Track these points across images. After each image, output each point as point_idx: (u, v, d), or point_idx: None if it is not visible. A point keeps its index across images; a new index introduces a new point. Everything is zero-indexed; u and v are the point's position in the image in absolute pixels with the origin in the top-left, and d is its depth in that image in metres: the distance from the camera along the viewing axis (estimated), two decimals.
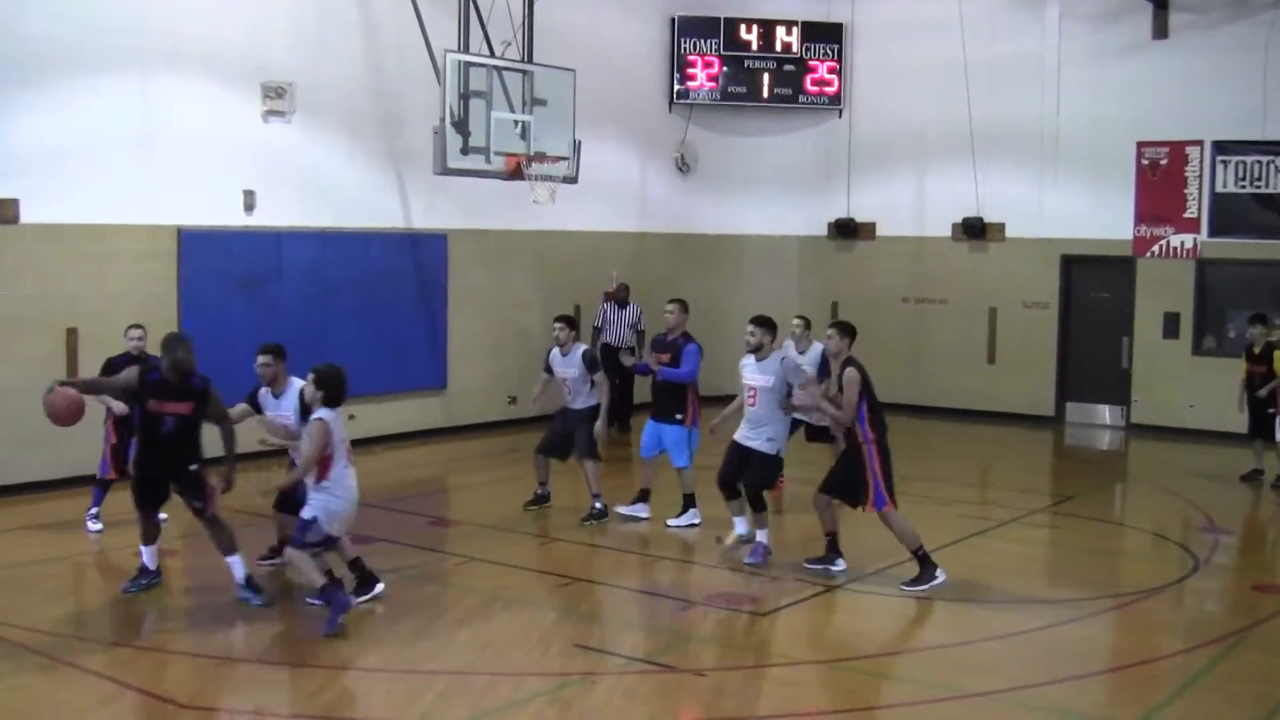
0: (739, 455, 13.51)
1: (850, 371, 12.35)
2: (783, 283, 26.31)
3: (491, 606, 11.84)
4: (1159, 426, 22.61)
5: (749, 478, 13.36)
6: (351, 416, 19.48)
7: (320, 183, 19.23)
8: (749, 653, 10.83)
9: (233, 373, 16.74)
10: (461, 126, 18.14)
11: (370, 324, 19.84)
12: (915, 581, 12.32)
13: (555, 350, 15.56)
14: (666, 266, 25.22)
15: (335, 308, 19.37)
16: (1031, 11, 23.86)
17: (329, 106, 19.25)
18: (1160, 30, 22.78)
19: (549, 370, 15.62)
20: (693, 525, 14.94)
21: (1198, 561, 14.04)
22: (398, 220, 20.45)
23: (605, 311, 21.69)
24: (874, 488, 12.32)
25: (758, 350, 13.48)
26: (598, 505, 15.40)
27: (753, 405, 13.42)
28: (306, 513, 11.21)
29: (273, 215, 18.63)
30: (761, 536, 13.43)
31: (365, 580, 11.78)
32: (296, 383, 12.16)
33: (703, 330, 25.24)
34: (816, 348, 16.50)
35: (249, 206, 18.37)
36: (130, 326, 14.64)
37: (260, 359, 12.30)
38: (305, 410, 11.80)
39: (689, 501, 15.13)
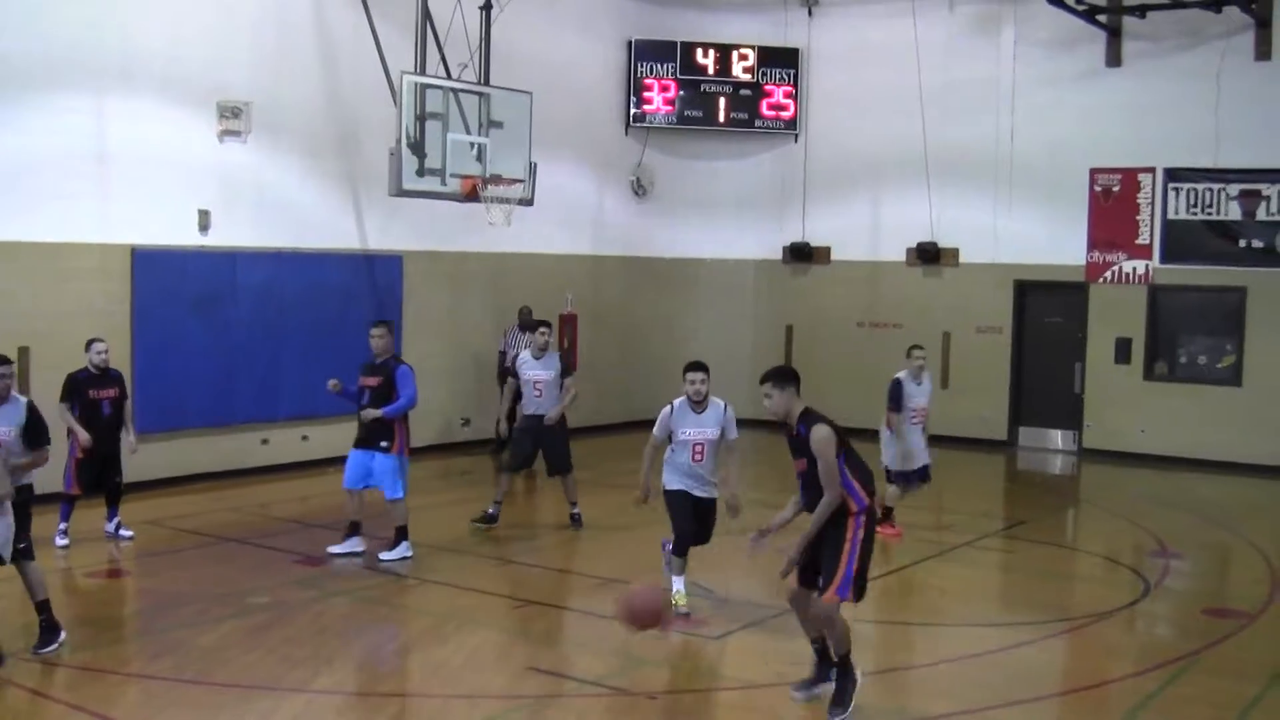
0: (697, 510, 12.46)
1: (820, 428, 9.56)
2: (738, 306, 26.41)
3: (444, 629, 11.81)
4: (1111, 451, 22.74)
5: (706, 538, 12.60)
6: (305, 438, 19.60)
7: (276, 203, 19.16)
8: (701, 676, 10.83)
9: (185, 392, 16.74)
10: (417, 148, 18.11)
11: (324, 345, 19.72)
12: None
13: (526, 353, 16.24)
14: (622, 289, 25.26)
15: (289, 328, 19.28)
16: (986, 38, 24.04)
17: (285, 127, 19.19)
18: (1114, 58, 23.01)
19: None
20: (405, 559, 14.32)
21: (1148, 585, 14.11)
22: (353, 241, 20.40)
23: (508, 338, 21.52)
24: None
25: (702, 401, 12.39)
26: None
27: (699, 461, 12.33)
28: None
29: (228, 235, 18.54)
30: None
31: None
32: (22, 400, 11.35)
33: (658, 353, 25.44)
34: (927, 379, 16.71)
35: (204, 226, 18.28)
36: (93, 340, 14.60)
37: None
38: (28, 430, 11.08)
39: (401, 534, 14.40)
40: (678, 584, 12.28)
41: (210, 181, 18.30)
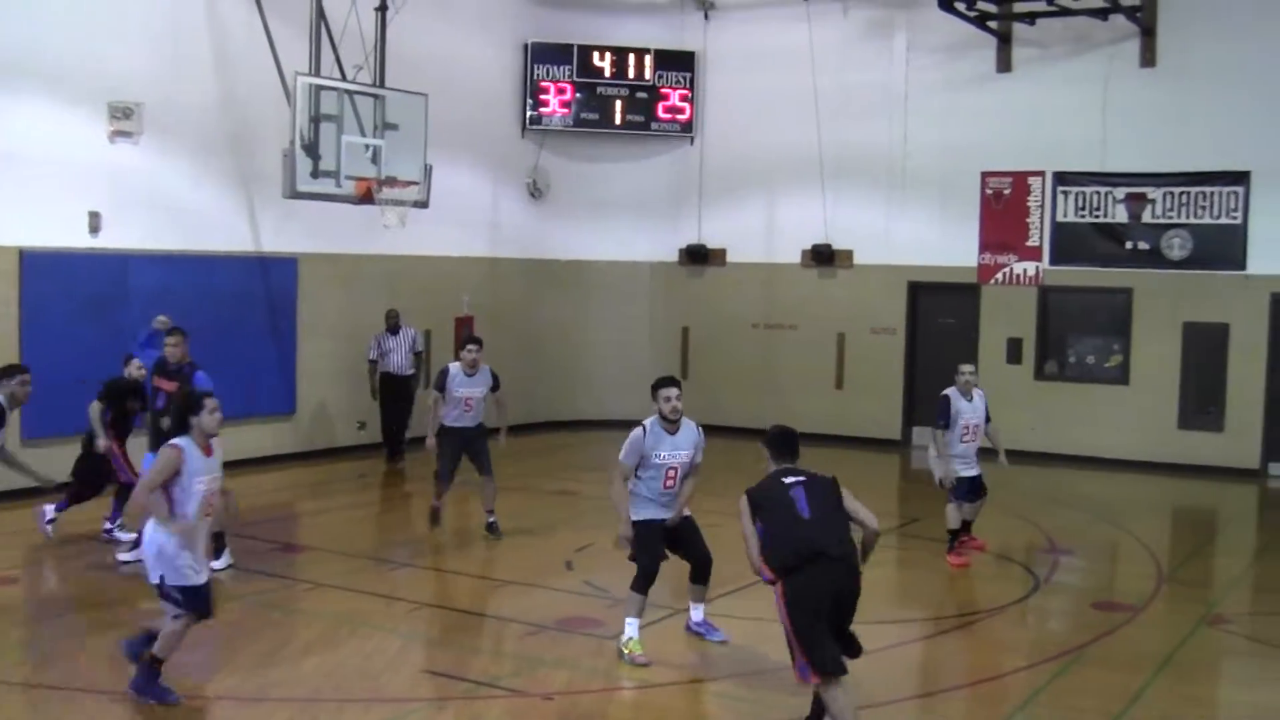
0: (677, 535, 11.47)
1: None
2: (634, 308, 26.48)
3: (339, 633, 11.75)
4: None
5: (706, 552, 11.51)
6: None
7: (169, 205, 18.92)
8: (597, 676, 10.81)
9: (76, 397, 16.49)
10: (312, 150, 18.02)
11: (218, 348, 19.40)
12: None
13: (455, 367, 15.86)
14: (518, 292, 25.24)
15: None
16: (880, 42, 24.30)
17: (178, 128, 18.96)
18: (1004, 64, 23.34)
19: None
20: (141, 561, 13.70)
21: (1039, 581, 14.37)
22: (247, 244, 20.21)
23: (379, 342, 21.45)
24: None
25: (677, 421, 11.36)
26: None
27: (671, 487, 11.30)
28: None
29: (119, 237, 18.30)
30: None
31: None
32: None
33: (555, 355, 25.45)
34: (979, 395, 15.51)
35: (94, 228, 18.02)
36: (131, 356, 14.69)
37: None
38: None
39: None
40: (631, 628, 11.08)
41: (101, 183, 18.04)
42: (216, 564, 13.69)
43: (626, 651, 10.97)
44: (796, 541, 8.99)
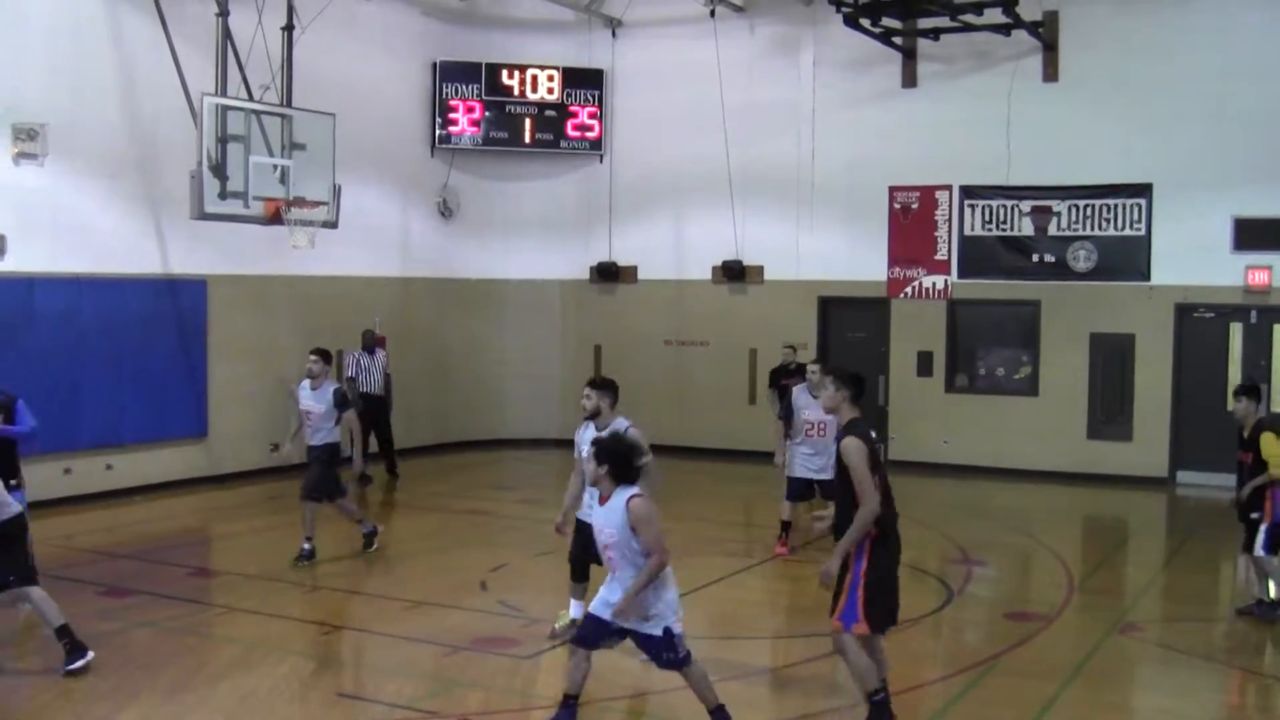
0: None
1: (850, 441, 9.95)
2: (545, 327, 26.48)
3: (252, 657, 11.66)
4: (915, 462, 23.17)
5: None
6: (109, 467, 19.14)
7: (75, 227, 18.70)
8: (513, 696, 10.78)
9: None
10: (219, 170, 17.89)
11: (127, 372, 19.35)
12: None
13: (306, 383, 15.49)
14: (429, 311, 25.14)
15: (90, 355, 18.81)
16: (787, 59, 24.45)
17: (84, 149, 18.74)
18: (910, 79, 23.56)
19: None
20: None
21: (952, 592, 14.48)
22: (155, 266, 20.00)
23: (358, 360, 21.61)
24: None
25: (595, 416, 11.81)
26: (305, 546, 15.36)
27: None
28: None
29: (24, 260, 18.07)
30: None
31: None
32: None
33: (467, 374, 25.38)
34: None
35: None
36: None
37: None
38: None
39: None
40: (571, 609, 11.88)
41: (5, 205, 17.81)
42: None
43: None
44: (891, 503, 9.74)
